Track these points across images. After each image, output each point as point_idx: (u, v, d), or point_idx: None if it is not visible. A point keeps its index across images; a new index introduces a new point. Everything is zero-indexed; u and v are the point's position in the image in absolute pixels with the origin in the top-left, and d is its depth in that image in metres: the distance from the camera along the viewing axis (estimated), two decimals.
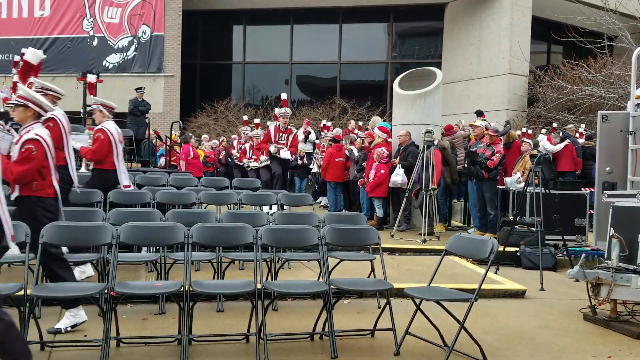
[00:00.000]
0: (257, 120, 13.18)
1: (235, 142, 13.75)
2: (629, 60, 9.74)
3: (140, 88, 13.08)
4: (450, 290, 4.24)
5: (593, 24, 15.15)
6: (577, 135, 12.33)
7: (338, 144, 11.11)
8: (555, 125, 13.33)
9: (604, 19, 14.86)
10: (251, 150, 11.83)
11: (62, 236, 3.94)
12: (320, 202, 12.39)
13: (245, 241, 4.25)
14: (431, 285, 4.20)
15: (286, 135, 9.86)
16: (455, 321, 3.84)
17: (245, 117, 14.04)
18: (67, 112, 5.48)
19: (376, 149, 9.49)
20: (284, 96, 10.80)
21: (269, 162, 10.07)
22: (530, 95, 18.09)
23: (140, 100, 12.83)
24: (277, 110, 10.22)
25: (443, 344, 3.94)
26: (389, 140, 9.84)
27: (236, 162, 12.90)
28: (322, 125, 14.02)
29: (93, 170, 6.57)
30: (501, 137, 9.32)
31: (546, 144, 11.18)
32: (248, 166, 11.58)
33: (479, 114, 11.72)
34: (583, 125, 13.67)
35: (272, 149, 9.77)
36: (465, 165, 9.34)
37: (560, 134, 12.02)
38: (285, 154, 9.73)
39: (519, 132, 11.50)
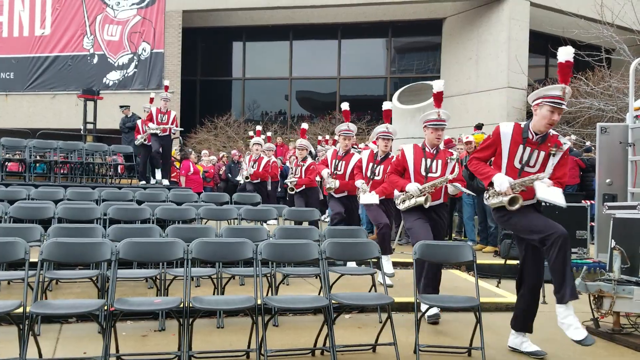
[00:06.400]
0: (269, 134, 12.96)
1: (247, 158, 11.05)
2: (627, 73, 9.76)
3: (124, 106, 13.05)
4: (457, 296, 4.23)
5: (590, 37, 15.27)
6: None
7: None
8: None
9: (601, 32, 14.97)
10: (296, 168, 9.26)
11: (61, 252, 3.92)
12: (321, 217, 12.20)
13: (245, 256, 4.23)
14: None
15: (344, 162, 7.29)
16: (458, 335, 3.81)
17: (258, 128, 11.91)
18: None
19: None
20: (345, 107, 7.68)
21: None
22: (529, 108, 18.12)
23: (128, 116, 12.81)
24: (337, 128, 7.66)
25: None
26: None
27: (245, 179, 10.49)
28: (320, 138, 13.98)
29: None
30: None
31: None
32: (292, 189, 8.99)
33: (479, 127, 11.76)
34: (573, 137, 13.73)
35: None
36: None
37: None
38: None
39: None
